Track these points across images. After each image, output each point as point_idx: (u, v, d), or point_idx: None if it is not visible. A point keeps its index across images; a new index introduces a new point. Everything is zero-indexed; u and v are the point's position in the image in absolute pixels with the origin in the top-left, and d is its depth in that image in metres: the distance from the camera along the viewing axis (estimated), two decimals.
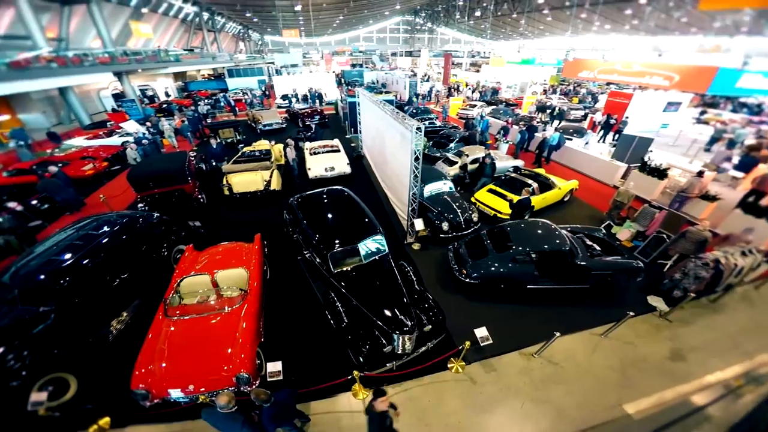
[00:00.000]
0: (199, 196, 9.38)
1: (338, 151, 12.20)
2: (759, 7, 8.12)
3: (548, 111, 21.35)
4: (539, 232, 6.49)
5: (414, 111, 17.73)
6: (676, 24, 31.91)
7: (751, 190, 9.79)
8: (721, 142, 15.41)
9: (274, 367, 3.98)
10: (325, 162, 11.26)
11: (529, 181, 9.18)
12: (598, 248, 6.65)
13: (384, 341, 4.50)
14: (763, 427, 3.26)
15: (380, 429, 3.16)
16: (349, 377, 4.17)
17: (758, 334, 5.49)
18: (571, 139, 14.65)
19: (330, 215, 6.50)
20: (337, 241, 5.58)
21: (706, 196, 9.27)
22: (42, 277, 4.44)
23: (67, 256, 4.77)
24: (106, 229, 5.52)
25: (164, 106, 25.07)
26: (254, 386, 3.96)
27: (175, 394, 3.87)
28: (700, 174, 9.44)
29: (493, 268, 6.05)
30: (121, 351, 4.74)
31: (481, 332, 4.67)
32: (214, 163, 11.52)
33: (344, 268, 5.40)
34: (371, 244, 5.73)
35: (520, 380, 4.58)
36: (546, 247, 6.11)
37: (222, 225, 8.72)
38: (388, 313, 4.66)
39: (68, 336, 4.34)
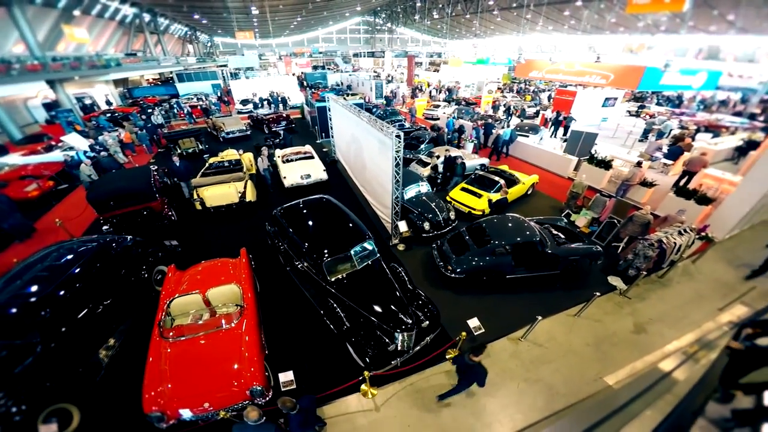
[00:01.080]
0: (169, 213, 8.92)
1: (312, 157, 12.14)
2: (674, 10, 9.60)
3: (508, 110, 22.74)
4: (512, 225, 7.09)
5: (382, 113, 18.05)
6: (608, 24, 35.64)
7: (683, 172, 11.50)
8: (652, 134, 17.58)
9: (286, 376, 4.06)
10: (301, 169, 11.18)
11: (496, 178, 9.91)
12: (562, 236, 7.40)
13: (387, 340, 4.74)
14: (710, 390, 4.01)
15: (470, 377, 3.93)
16: (360, 378, 4.36)
17: (700, 303, 6.46)
18: (527, 136, 15.85)
19: (318, 224, 6.58)
20: (329, 250, 5.70)
21: (644, 183, 10.61)
22: (23, 308, 4.17)
23: (47, 284, 4.50)
24: (82, 255, 5.19)
25: (108, 115, 23.05)
26: (268, 398, 4.02)
27: (186, 414, 3.84)
28: (639, 164, 10.80)
29: (474, 262, 6.53)
30: (118, 377, 4.71)
31: (473, 322, 5.08)
32: (179, 182, 10.72)
33: (340, 275, 5.55)
34: (363, 250, 5.93)
35: (512, 363, 5.06)
36: (519, 239, 6.70)
37: (199, 242, 8.37)
38: (387, 313, 4.91)
39: (58, 367, 4.16)
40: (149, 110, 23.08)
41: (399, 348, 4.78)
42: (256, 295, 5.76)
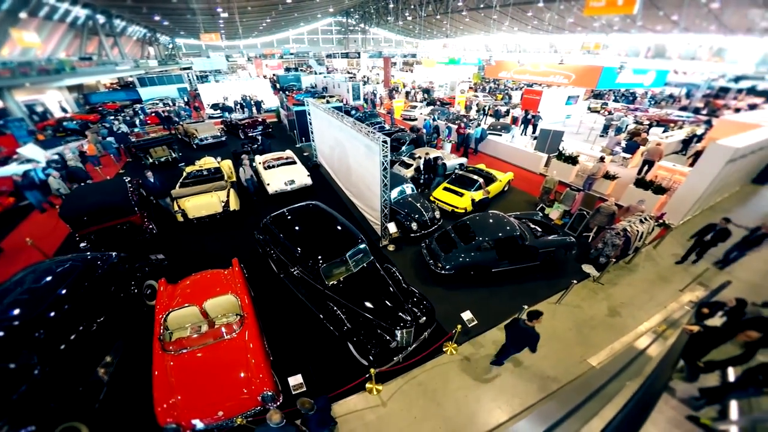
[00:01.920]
0: (150, 227, 8.64)
1: (294, 162, 12.11)
2: (625, 13, 10.64)
3: (483, 110, 23.60)
4: (494, 222, 7.54)
5: (361, 116, 18.21)
6: (567, 24, 37.90)
7: (644, 161, 12.68)
8: (611, 129, 18.97)
9: (296, 380, 4.20)
10: (284, 175, 11.13)
11: (476, 177, 10.42)
12: (539, 230, 7.96)
13: (388, 338, 4.99)
14: (673, 366, 4.56)
15: (522, 340, 4.50)
16: (366, 375, 4.57)
17: (663, 285, 7.19)
18: (500, 135, 16.63)
19: (311, 230, 6.70)
20: (324, 255, 5.85)
21: (608, 176, 11.55)
22: (16, 330, 4.06)
23: (37, 305, 4.38)
24: (68, 273, 5.05)
25: (64, 124, 21.55)
26: (279, 402, 4.14)
27: (199, 424, 3.91)
28: (602, 159, 11.73)
29: (462, 258, 6.91)
30: (122, 393, 4.74)
31: (467, 315, 5.44)
32: (155, 200, 10.22)
33: (336, 279, 5.72)
34: (357, 253, 6.13)
35: None
36: (501, 234, 7.15)
37: (185, 254, 8.18)
38: (386, 312, 5.16)
39: (59, 387, 4.10)
40: (112, 117, 21.82)
41: (400, 345, 5.03)
42: (254, 303, 5.81)
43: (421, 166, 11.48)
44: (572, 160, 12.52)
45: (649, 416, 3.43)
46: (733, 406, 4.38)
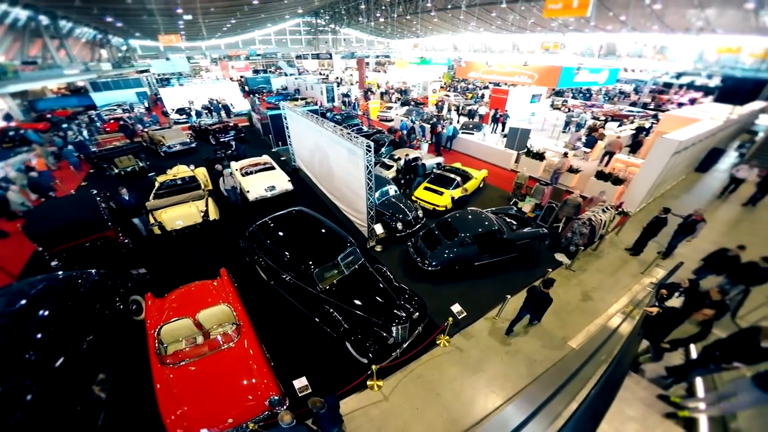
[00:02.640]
0: (126, 241, 8.29)
1: (273, 168, 11.98)
2: (580, 15, 11.61)
3: (458, 109, 24.34)
4: (473, 218, 7.99)
5: (340, 118, 18.24)
6: (528, 25, 40.01)
7: (605, 152, 13.83)
8: (572, 125, 20.33)
9: (301, 382, 4.33)
10: (263, 182, 10.99)
11: (453, 176, 10.90)
12: (515, 223, 8.50)
13: (385, 335, 5.22)
14: (639, 340, 5.05)
15: (537, 305, 5.32)
16: (368, 372, 4.77)
17: (627, 269, 7.94)
18: (472, 134, 17.35)
19: (300, 236, 6.79)
20: (316, 260, 5.98)
21: (572, 170, 12.46)
22: (5, 353, 3.94)
23: (20, 327, 4.22)
24: (49, 293, 4.86)
25: (11, 134, 19.78)
26: (286, 405, 4.25)
27: None
28: (565, 154, 12.63)
29: (447, 255, 7.28)
30: (124, 409, 4.73)
31: (456, 308, 5.80)
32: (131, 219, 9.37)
33: (330, 282, 5.87)
34: (348, 256, 6.32)
35: (492, 340, 5.87)
36: (481, 230, 7.59)
37: (167, 267, 7.93)
38: (381, 310, 5.40)
39: (56, 408, 4.01)
40: (65, 125, 20.24)
41: (396, 341, 5.29)
42: (247, 311, 5.84)
43: (401, 167, 11.80)
44: (539, 156, 13.37)
45: (617, 394, 3.64)
46: (699, 383, 4.66)
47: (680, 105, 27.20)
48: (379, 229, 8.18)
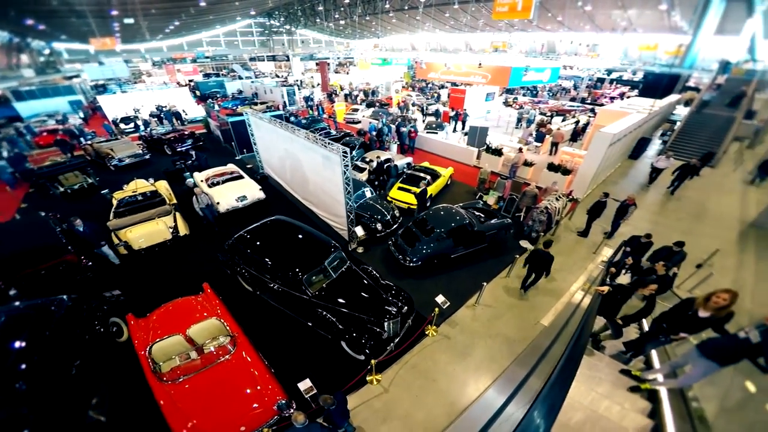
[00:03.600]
0: (89, 264, 7.75)
1: (241, 177, 11.68)
2: (524, 18, 12.69)
3: (422, 109, 25.11)
4: (446, 214, 8.56)
5: (305, 121, 18.08)
6: (479, 25, 42.30)
7: (551, 143, 15.25)
8: (523, 121, 21.99)
9: (305, 384, 4.52)
10: (233, 192, 10.68)
11: (423, 175, 11.48)
12: (483, 216, 9.23)
13: (379, 330, 5.55)
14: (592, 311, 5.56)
15: (541, 263, 6.42)
16: (368, 367, 5.08)
17: (581, 250, 8.95)
18: (436, 133, 18.17)
19: (284, 244, 6.87)
20: (303, 267, 6.13)
21: (526, 163, 13.64)
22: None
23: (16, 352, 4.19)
24: (23, 321, 4.72)
25: None
26: (293, 407, 4.41)
27: None
28: (520, 150, 13.79)
29: (425, 250, 7.76)
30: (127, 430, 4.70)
31: (440, 299, 6.28)
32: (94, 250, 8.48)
33: (320, 286, 6.07)
34: (335, 260, 6.54)
35: (475, 326, 6.43)
36: (454, 224, 8.17)
37: (142, 287, 7.56)
38: (373, 307, 5.73)
39: None
40: None
41: (389, 335, 5.64)
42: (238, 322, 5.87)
43: (374, 169, 12.12)
44: (498, 152, 14.44)
45: (578, 369, 3.54)
46: (654, 355, 4.95)
47: (612, 99, 30.42)
48: (359, 231, 8.46)
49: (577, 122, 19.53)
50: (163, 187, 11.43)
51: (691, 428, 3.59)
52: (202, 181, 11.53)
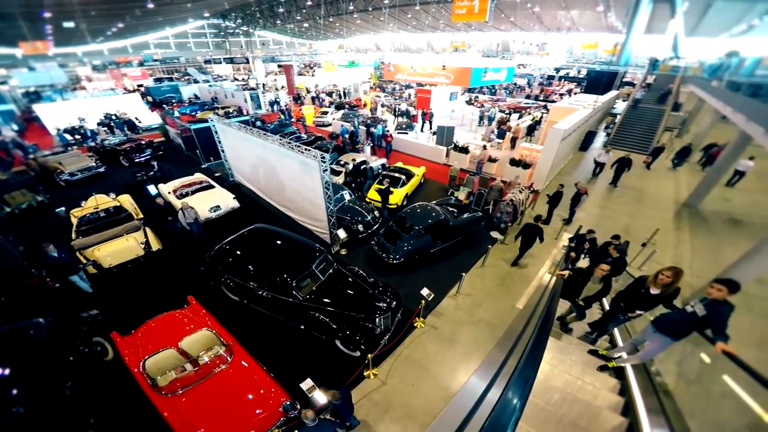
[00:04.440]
0: (56, 285, 7.27)
1: (212, 186, 11.37)
2: (480, 20, 13.95)
3: (394, 111, 25.54)
4: (423, 211, 9.02)
5: (273, 127, 17.76)
6: (440, 25, 43.70)
7: (512, 138, 16.36)
8: (485, 119, 23.25)
9: (307, 384, 4.69)
10: (205, 202, 10.37)
11: (397, 175, 11.90)
12: (456, 211, 9.83)
13: (371, 326, 5.85)
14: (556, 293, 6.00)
15: (533, 235, 7.61)
16: (365, 362, 5.36)
17: (545, 237, 9.69)
18: (406, 133, 18.71)
19: (269, 252, 6.95)
20: (293, 272, 6.28)
21: (491, 159, 14.57)
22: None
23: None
24: (13, 346, 4.63)
25: None
26: (298, 408, 4.58)
27: None
28: (484, 147, 14.70)
29: (406, 247, 8.17)
30: None
31: (425, 291, 6.67)
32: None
33: (310, 289, 6.25)
34: (322, 262, 6.74)
35: (458, 314, 6.93)
36: (431, 221, 8.66)
37: (119, 305, 7.25)
38: (363, 305, 6.02)
39: None
40: None
41: (381, 330, 5.97)
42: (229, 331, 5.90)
43: (350, 172, 12.34)
44: (464, 150, 15.25)
45: (545, 348, 3.60)
46: (617, 334, 5.16)
47: (561, 95, 32.92)
48: (342, 233, 8.68)
49: (540, 120, 21.09)
50: (127, 201, 10.85)
51: (658, 402, 3.68)
52: (169, 193, 11.10)
